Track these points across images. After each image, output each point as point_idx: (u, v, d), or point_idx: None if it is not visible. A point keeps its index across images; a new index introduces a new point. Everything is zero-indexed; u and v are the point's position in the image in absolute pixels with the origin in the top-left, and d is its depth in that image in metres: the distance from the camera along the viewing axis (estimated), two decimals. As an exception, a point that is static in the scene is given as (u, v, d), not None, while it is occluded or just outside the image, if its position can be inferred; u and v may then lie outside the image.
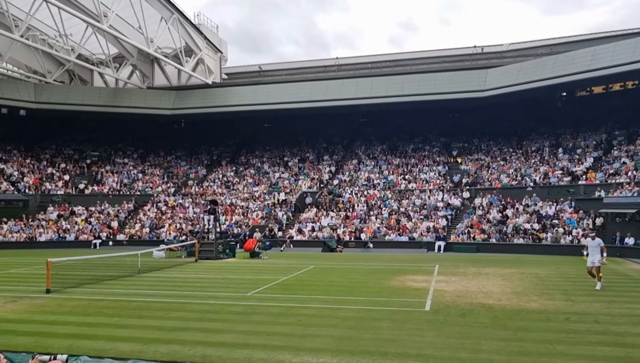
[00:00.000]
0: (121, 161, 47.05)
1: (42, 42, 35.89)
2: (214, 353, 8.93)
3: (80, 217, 38.84)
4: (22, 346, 9.22)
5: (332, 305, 13.50)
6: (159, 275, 20.61)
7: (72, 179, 43.45)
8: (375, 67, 44.15)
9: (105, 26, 31.84)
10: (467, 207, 35.64)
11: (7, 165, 42.65)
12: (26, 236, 36.04)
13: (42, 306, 13.73)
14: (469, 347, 9.18)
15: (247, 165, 46.16)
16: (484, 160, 40.63)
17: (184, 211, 39.69)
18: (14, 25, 30.31)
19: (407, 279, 18.11)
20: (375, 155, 44.61)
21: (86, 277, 19.21)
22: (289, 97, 40.23)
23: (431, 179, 39.41)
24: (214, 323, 11.39)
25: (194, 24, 40.45)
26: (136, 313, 12.64)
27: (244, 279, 18.87)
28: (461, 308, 12.67)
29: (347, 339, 9.83)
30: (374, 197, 38.11)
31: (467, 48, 43.84)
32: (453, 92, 37.01)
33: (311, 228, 35.01)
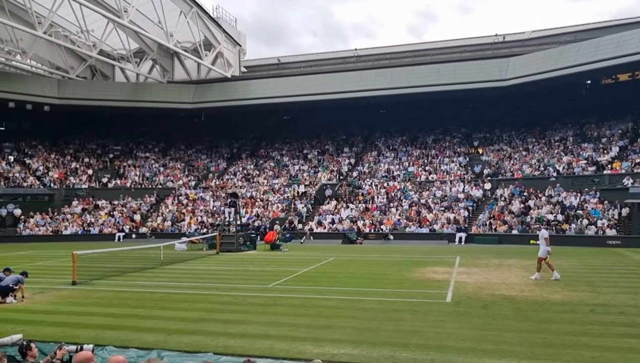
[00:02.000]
0: (143, 155, 47.66)
1: (64, 39, 36.42)
2: (236, 344, 9.03)
3: (104, 211, 39.53)
4: (50, 336, 9.44)
5: (352, 296, 13.51)
6: (181, 267, 20.88)
7: (96, 173, 44.19)
8: (395, 57, 43.77)
9: (125, 21, 32.14)
10: (488, 198, 35.24)
11: (32, 160, 43.59)
12: (52, 229, 36.82)
13: (69, 297, 14.04)
14: (491, 338, 9.12)
15: (266, 158, 46.34)
16: (505, 150, 40.07)
17: (204, 204, 40.08)
18: (37, 22, 30.80)
19: (427, 271, 18.03)
20: (395, 146, 44.34)
21: (110, 269, 19.57)
22: (308, 89, 40.17)
23: (452, 170, 39.04)
24: (236, 314, 11.51)
25: (212, 18, 40.59)
26: (159, 304, 12.84)
27: (264, 271, 19.00)
28: (483, 300, 12.57)
29: (368, 330, 9.84)
30: (394, 188, 37.93)
31: (488, 37, 43.18)
32: (474, 82, 36.51)
33: (331, 221, 35.04)
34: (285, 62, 47.55)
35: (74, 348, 6.99)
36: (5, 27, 33.73)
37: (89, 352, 5.74)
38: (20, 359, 6.62)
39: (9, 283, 13.35)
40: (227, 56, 43.05)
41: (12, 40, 36.45)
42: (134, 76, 45.98)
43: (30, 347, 6.90)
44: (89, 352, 5.71)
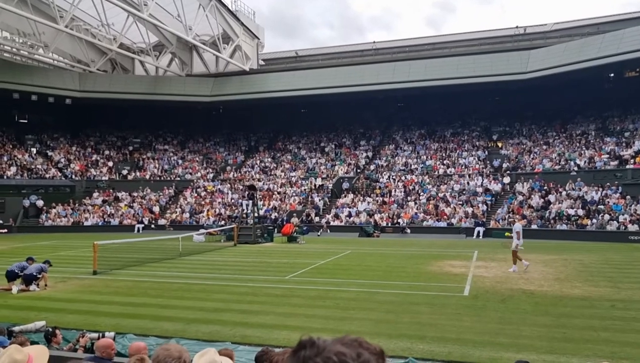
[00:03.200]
0: (162, 148, 48.14)
1: (85, 32, 36.87)
2: (253, 334, 9.12)
3: (124, 202, 40.08)
4: (72, 324, 9.65)
5: (369, 289, 13.53)
6: (200, 258, 21.11)
7: (116, 165, 44.80)
8: (413, 50, 43.40)
9: (145, 15, 32.40)
10: (507, 192, 34.85)
11: (54, 152, 44.35)
12: (73, 220, 37.47)
13: (90, 286, 14.31)
14: (509, 332, 9.06)
15: (284, 150, 46.45)
16: (525, 144, 39.54)
17: (222, 196, 40.38)
18: (59, 16, 31.23)
19: (445, 264, 17.94)
20: (413, 139, 44.07)
21: (130, 259, 19.87)
22: (325, 82, 40.08)
23: (470, 164, 38.67)
24: (253, 305, 11.61)
25: (231, 11, 40.68)
26: (178, 294, 13.01)
27: (281, 263, 19.12)
28: (501, 294, 12.48)
29: (385, 322, 9.85)
30: (412, 182, 37.74)
31: (508, 29, 42.52)
32: (493, 75, 36.05)
33: (348, 214, 35.04)
34: (303, 55, 47.49)
35: (95, 336, 7.14)
36: (28, 21, 34.26)
37: (110, 339, 5.86)
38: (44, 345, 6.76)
39: (33, 272, 13.66)
40: (245, 49, 43.14)
41: (34, 34, 37.02)
42: (153, 69, 46.36)
43: (55, 333, 7.07)
44: (109, 339, 5.82)
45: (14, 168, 39.60)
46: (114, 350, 5.59)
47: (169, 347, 2.75)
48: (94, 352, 6.21)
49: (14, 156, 41.30)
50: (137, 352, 4.93)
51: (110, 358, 5.37)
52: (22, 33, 37.82)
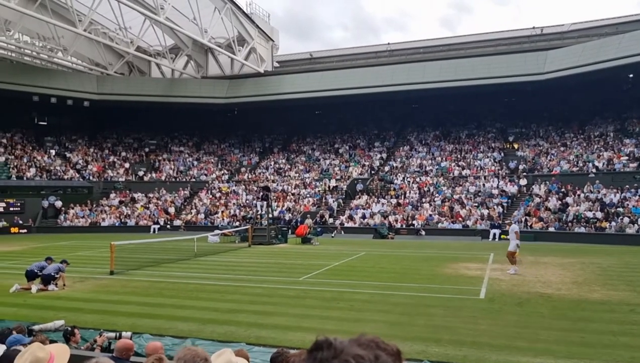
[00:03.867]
0: (177, 149, 48.55)
1: (103, 36, 37.35)
2: (268, 335, 9.14)
3: (140, 203, 40.48)
4: (90, 323, 9.77)
5: (383, 291, 13.48)
6: (214, 259, 21.23)
7: (132, 167, 45.28)
8: (428, 51, 43.21)
9: (162, 18, 32.73)
10: (523, 194, 34.50)
11: (73, 153, 44.98)
12: (90, 221, 37.95)
13: (107, 286, 14.47)
14: (527, 336, 8.95)
15: (298, 152, 46.54)
16: (542, 146, 39.10)
17: (237, 197, 40.57)
18: (77, 20, 31.70)
19: (460, 267, 17.81)
20: (427, 141, 43.85)
21: (146, 260, 20.06)
22: (340, 83, 40.08)
23: (486, 166, 38.36)
24: (268, 306, 11.64)
25: (246, 14, 40.90)
26: (193, 295, 13.10)
27: (296, 264, 19.14)
28: (518, 297, 12.35)
29: (399, 325, 9.81)
30: (427, 183, 37.55)
31: (525, 29, 42.14)
32: (509, 76, 35.71)
33: (362, 215, 34.97)
34: (318, 57, 47.55)
35: (113, 335, 7.22)
36: (48, 25, 34.82)
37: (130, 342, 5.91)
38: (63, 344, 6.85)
39: (51, 271, 13.86)
40: (260, 51, 43.34)
41: (54, 37, 37.62)
42: (169, 72, 46.80)
43: (74, 332, 7.17)
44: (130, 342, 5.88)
45: (33, 169, 40.26)
46: (132, 353, 5.65)
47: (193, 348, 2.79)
48: (111, 351, 6.29)
49: (34, 158, 41.99)
50: (154, 351, 4.98)
51: (128, 358, 5.43)
52: (42, 37, 38.45)
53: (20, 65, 40.34)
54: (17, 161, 40.69)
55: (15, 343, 5.45)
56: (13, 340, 5.52)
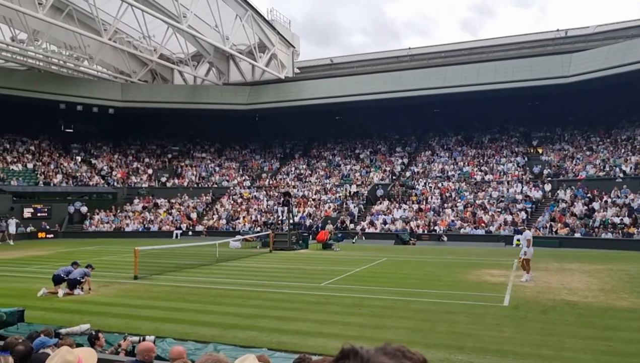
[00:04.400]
0: (199, 155, 49.09)
1: (127, 44, 38.05)
2: (289, 340, 9.15)
3: (163, 209, 41.00)
4: (114, 327, 9.91)
5: (405, 297, 13.38)
6: (236, 264, 21.35)
7: (155, 173, 45.92)
8: (449, 55, 42.92)
9: (184, 26, 33.21)
10: (548, 199, 33.91)
11: (98, 160, 45.88)
12: (115, 226, 38.57)
13: (131, 291, 14.68)
14: (552, 344, 8.79)
15: (319, 157, 46.61)
16: (567, 150, 38.42)
17: (258, 203, 40.79)
18: (103, 29, 32.38)
19: (483, 273, 17.58)
20: (449, 146, 43.49)
21: (169, 265, 20.28)
22: (360, 89, 40.08)
23: (509, 170, 37.85)
24: (289, 311, 11.66)
25: (267, 20, 41.24)
26: (215, 300, 13.19)
27: (317, 270, 19.13)
28: (543, 305, 12.13)
29: (421, 332, 9.73)
30: (449, 189, 37.20)
31: (549, 32, 41.52)
32: (533, 79, 35.23)
33: (383, 221, 34.80)
34: (338, 63, 47.62)
35: (137, 340, 7.31)
36: (75, 35, 35.64)
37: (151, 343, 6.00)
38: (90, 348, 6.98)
39: (77, 276, 14.12)
40: (281, 57, 43.61)
41: (80, 46, 38.47)
42: (191, 79, 47.40)
43: (99, 336, 7.29)
44: (150, 343, 5.97)
45: (60, 176, 41.14)
46: (154, 354, 5.72)
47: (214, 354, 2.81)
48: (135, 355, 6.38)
49: (60, 164, 42.94)
50: (178, 356, 5.04)
51: (150, 361, 5.50)
52: (69, 46, 39.36)
53: (47, 74, 41.35)
54: (45, 168, 41.66)
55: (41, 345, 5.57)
56: (39, 343, 5.65)
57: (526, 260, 16.24)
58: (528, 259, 16.23)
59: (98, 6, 31.29)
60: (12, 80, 38.54)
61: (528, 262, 16.25)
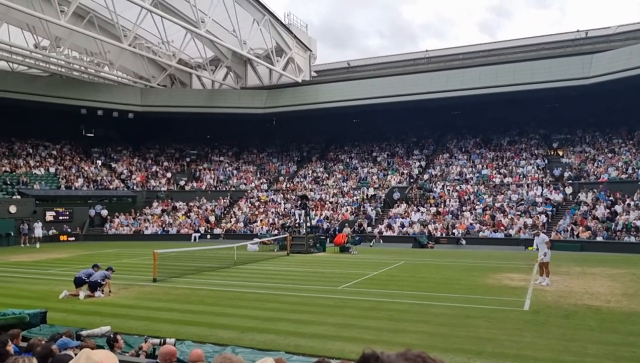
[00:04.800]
0: (217, 159, 49.46)
1: (147, 50, 38.57)
2: (307, 344, 9.15)
3: (181, 212, 41.38)
4: (134, 329, 10.02)
5: (423, 301, 13.28)
6: (254, 267, 21.44)
7: (174, 176, 46.40)
8: (467, 57, 42.60)
9: (202, 31, 33.54)
10: (569, 202, 33.39)
11: (118, 164, 46.56)
12: (134, 229, 39.03)
13: (150, 293, 14.83)
14: (574, 350, 8.64)
15: (336, 160, 46.61)
16: (588, 152, 37.81)
17: (275, 206, 40.92)
18: (123, 35, 32.89)
19: (503, 277, 17.37)
20: (467, 148, 43.13)
21: (188, 267, 20.46)
22: (377, 92, 40.00)
23: (529, 173, 37.38)
24: (306, 315, 11.66)
25: (284, 24, 41.44)
26: (233, 302, 13.26)
27: (334, 273, 19.10)
28: (564, 309, 11.93)
29: (440, 336, 9.64)
30: (467, 192, 36.88)
31: (568, 33, 40.95)
32: (552, 81, 34.75)
33: (401, 224, 34.62)
34: (355, 66, 47.61)
35: (157, 342, 7.38)
36: (95, 41, 36.26)
37: (173, 347, 6.05)
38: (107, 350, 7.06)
39: (98, 279, 14.33)
40: (298, 61, 43.77)
41: (101, 52, 39.13)
42: (209, 83, 47.84)
43: (117, 339, 7.38)
44: (172, 347, 6.02)
45: (81, 179, 41.83)
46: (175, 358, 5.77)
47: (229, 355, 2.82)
48: (156, 357, 6.45)
49: (82, 168, 43.67)
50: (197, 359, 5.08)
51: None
52: (90, 52, 40.06)
53: (69, 80, 42.11)
54: (66, 172, 42.40)
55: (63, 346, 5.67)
56: (61, 344, 5.76)
57: (545, 264, 16.01)
58: (546, 262, 16.00)
59: (118, 13, 31.82)
60: (35, 86, 39.36)
61: (547, 265, 16.01)
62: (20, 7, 27.63)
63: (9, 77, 38.90)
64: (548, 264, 16.07)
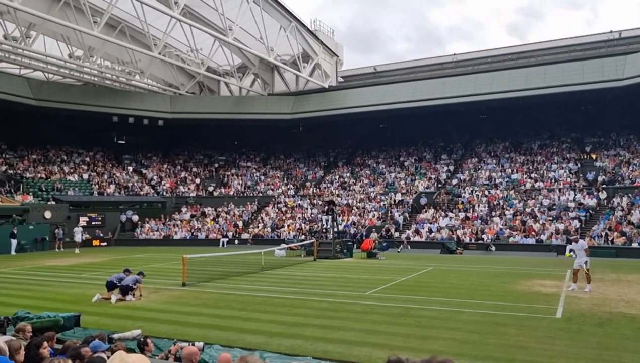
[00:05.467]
0: (245, 165, 49.95)
1: (176, 58, 39.32)
2: (334, 349, 9.13)
3: (210, 217, 41.89)
4: (164, 333, 10.18)
5: (452, 307, 13.11)
6: (281, 272, 21.52)
7: (202, 182, 47.04)
8: (496, 61, 42.02)
9: (230, 39, 34.00)
10: (603, 207, 32.49)
11: (148, 170, 47.49)
12: (164, 234, 39.68)
13: (180, 298, 15.04)
14: (608, 359, 8.39)
15: (363, 166, 46.49)
16: (623, 155, 36.76)
17: (302, 211, 41.03)
18: (153, 44, 33.62)
19: (534, 284, 17.00)
20: (497, 153, 42.46)
21: (216, 272, 20.67)
22: (404, 96, 39.78)
23: (561, 177, 36.55)
24: (334, 320, 11.63)
25: (310, 30, 41.66)
26: (261, 307, 13.33)
27: (361, 279, 19.03)
28: (598, 317, 11.60)
29: (469, 343, 9.49)
30: (496, 197, 36.27)
31: (601, 34, 40.01)
32: (585, 83, 33.94)
33: (429, 230, 34.26)
34: (382, 71, 47.50)
35: (186, 345, 7.48)
36: (127, 50, 37.20)
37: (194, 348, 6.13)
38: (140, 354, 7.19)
39: (129, 283, 14.61)
40: (325, 67, 43.91)
41: (132, 61, 40.08)
42: (237, 90, 48.41)
43: (147, 342, 7.51)
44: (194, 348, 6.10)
45: (113, 186, 42.82)
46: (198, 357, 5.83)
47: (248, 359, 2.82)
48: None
49: (113, 174, 44.71)
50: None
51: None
52: (121, 61, 41.07)
53: (102, 89, 43.22)
54: (99, 178, 43.47)
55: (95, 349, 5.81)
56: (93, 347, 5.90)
57: (578, 270, 15.67)
58: (577, 270, 15.70)
59: (149, 22, 32.55)
60: (69, 95, 40.54)
61: (578, 272, 15.68)
62: (56, 19, 28.57)
63: (44, 86, 40.18)
64: (578, 271, 15.71)
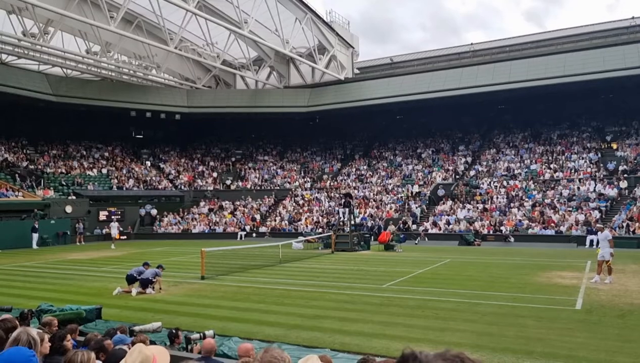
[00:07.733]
0: (262, 158, 50.14)
1: (192, 52, 39.52)
2: (352, 341, 9.17)
3: (227, 211, 42.20)
4: (183, 325, 10.28)
5: (470, 299, 13.05)
6: (298, 265, 21.63)
7: (220, 176, 47.37)
8: (514, 50, 41.38)
9: (245, 32, 34.03)
10: (625, 197, 31.94)
11: (166, 164, 47.97)
12: (182, 228, 40.10)
13: (198, 290, 15.22)
14: (629, 351, 8.29)
15: (379, 158, 46.33)
16: (645, 144, 36.04)
17: (319, 204, 41.09)
18: (169, 39, 33.83)
19: (553, 275, 16.83)
20: (515, 143, 41.95)
21: (234, 265, 20.85)
22: (421, 87, 39.47)
23: (581, 168, 35.99)
24: (352, 313, 11.68)
25: (326, 22, 41.47)
26: (279, 300, 13.43)
27: (379, 271, 19.03)
28: (619, 309, 11.46)
29: (488, 335, 9.46)
30: (515, 188, 35.87)
31: (623, 20, 39.16)
32: (606, 71, 33.27)
33: (446, 222, 34.07)
34: (398, 62, 47.13)
35: (197, 336, 7.55)
36: (143, 45, 37.49)
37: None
38: (168, 344, 7.31)
39: (149, 276, 14.83)
40: (341, 59, 43.73)
41: (148, 56, 40.38)
42: (253, 83, 48.51)
43: (178, 334, 7.61)
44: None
45: (131, 180, 43.35)
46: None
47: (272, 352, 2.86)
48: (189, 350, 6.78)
49: (132, 169, 45.25)
50: (245, 353, 5.21)
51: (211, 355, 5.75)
52: (138, 56, 41.40)
53: (119, 84, 43.67)
54: (118, 172, 44.04)
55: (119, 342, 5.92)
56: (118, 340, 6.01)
57: (602, 262, 15.46)
58: (601, 261, 15.49)
59: (164, 17, 32.72)
60: (87, 90, 41.04)
61: (602, 263, 15.46)
62: (73, 15, 28.90)
63: (63, 82, 40.71)
64: (602, 262, 15.48)
